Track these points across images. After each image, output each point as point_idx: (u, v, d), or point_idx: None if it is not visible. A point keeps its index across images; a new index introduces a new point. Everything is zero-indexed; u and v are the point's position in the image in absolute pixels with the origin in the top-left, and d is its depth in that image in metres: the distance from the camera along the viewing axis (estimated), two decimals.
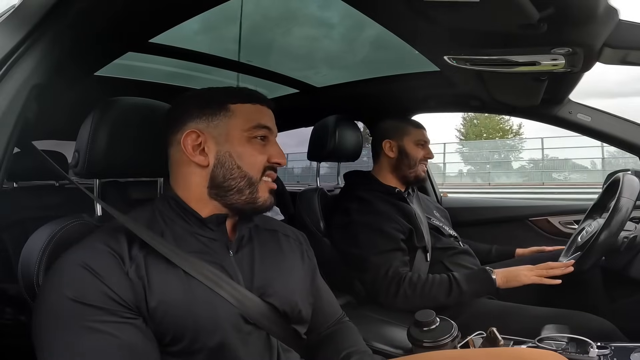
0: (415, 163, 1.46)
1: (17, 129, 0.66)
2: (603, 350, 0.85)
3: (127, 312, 0.64)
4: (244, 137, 0.76)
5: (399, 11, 0.80)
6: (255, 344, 0.73)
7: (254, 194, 0.76)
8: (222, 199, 0.76)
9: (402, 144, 1.47)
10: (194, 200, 0.76)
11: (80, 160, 0.80)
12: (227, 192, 0.75)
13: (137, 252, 0.68)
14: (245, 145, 0.76)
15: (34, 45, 0.67)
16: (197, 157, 0.75)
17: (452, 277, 1.22)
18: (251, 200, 0.76)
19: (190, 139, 0.75)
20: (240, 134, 0.76)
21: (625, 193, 1.15)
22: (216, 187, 0.75)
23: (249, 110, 0.78)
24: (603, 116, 1.43)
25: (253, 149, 0.77)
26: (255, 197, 0.77)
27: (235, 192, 0.75)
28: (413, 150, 1.46)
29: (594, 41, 0.83)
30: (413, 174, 1.46)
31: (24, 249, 0.76)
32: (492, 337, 0.89)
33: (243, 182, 0.75)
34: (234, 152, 0.75)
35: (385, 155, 1.48)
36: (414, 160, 1.46)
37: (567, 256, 1.31)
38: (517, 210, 1.97)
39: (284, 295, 0.79)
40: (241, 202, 0.76)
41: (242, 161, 0.75)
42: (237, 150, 0.75)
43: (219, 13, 0.89)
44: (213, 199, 0.76)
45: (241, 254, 0.79)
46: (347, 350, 0.86)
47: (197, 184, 0.76)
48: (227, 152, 0.75)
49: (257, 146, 0.77)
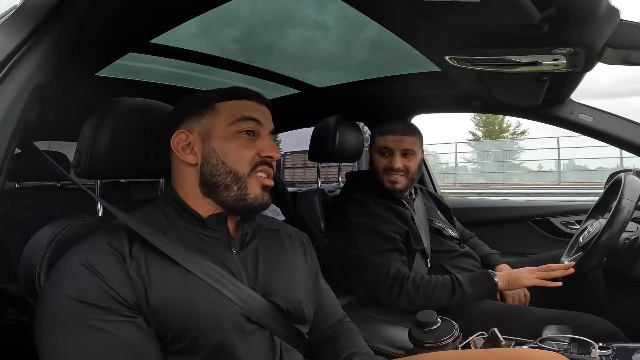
0: (379, 173, 1.40)
1: (18, 129, 0.66)
2: (605, 351, 0.85)
3: (128, 311, 0.64)
4: (229, 132, 0.76)
5: (400, 11, 0.80)
6: (258, 343, 0.73)
7: (243, 190, 0.76)
8: (214, 196, 0.76)
9: (371, 152, 1.45)
10: (192, 200, 0.77)
11: (81, 161, 0.80)
12: (216, 189, 0.76)
13: (138, 250, 0.68)
14: (230, 140, 0.76)
15: (35, 45, 0.67)
16: (187, 156, 0.76)
17: (455, 279, 1.22)
18: (241, 197, 0.76)
19: (178, 139, 0.77)
20: (224, 129, 0.76)
21: (626, 194, 1.14)
22: (206, 184, 0.76)
23: (235, 105, 0.78)
24: (605, 116, 1.43)
25: (238, 144, 0.76)
26: (245, 193, 0.76)
27: (223, 188, 0.75)
28: (376, 160, 1.41)
29: (596, 41, 0.83)
30: (382, 184, 1.40)
31: (25, 250, 0.76)
32: (493, 337, 0.89)
33: (229, 178, 0.75)
34: (218, 149, 0.76)
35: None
36: (377, 170, 1.40)
37: (569, 257, 1.31)
38: (518, 210, 1.97)
39: (288, 295, 0.79)
40: (231, 198, 0.76)
41: (226, 157, 0.75)
42: (221, 146, 0.76)
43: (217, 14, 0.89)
44: (207, 197, 0.77)
45: (244, 252, 0.79)
46: (349, 352, 0.86)
47: (191, 183, 0.77)
48: (211, 148, 0.76)
49: (243, 141, 0.77)
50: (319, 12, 1.16)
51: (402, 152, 1.38)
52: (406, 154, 1.38)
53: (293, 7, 1.16)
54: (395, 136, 1.38)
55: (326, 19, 1.20)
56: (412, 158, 1.39)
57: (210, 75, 1.60)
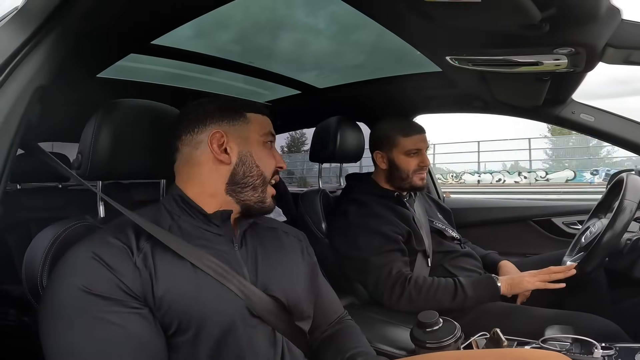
0: (408, 175, 1.41)
1: (20, 130, 0.66)
2: (607, 351, 0.85)
3: (135, 302, 0.65)
4: (260, 141, 0.85)
5: (401, 12, 0.80)
6: (260, 337, 0.74)
7: (265, 193, 0.84)
8: (237, 195, 0.82)
9: (391, 156, 1.42)
10: (207, 196, 0.80)
11: (83, 162, 0.80)
12: (243, 189, 0.82)
13: (144, 243, 0.70)
14: (262, 148, 0.85)
15: (37, 46, 0.67)
16: (222, 155, 0.81)
17: (457, 282, 1.22)
18: (261, 199, 0.83)
19: (215, 138, 0.80)
20: (257, 138, 0.84)
21: (628, 194, 1.14)
22: (235, 183, 0.81)
23: (261, 119, 0.87)
24: (606, 116, 1.43)
25: (267, 152, 0.86)
26: (265, 196, 0.84)
27: (250, 188, 0.82)
28: (403, 162, 1.41)
29: (597, 41, 0.83)
30: (407, 184, 1.42)
31: (27, 251, 0.76)
32: (495, 337, 0.89)
33: (259, 180, 0.83)
34: (255, 153, 0.83)
35: (378, 165, 1.47)
36: (405, 173, 1.41)
37: (571, 257, 1.30)
38: (520, 210, 1.96)
39: (288, 291, 0.81)
40: (253, 199, 0.82)
41: (260, 161, 0.83)
42: (256, 151, 0.83)
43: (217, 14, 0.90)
44: (228, 194, 0.81)
45: (245, 249, 0.82)
46: (352, 351, 0.86)
47: (215, 181, 0.81)
48: (248, 152, 0.82)
49: (269, 151, 0.86)
50: (319, 12, 1.16)
51: (426, 149, 1.43)
52: (426, 150, 1.44)
53: (293, 7, 1.16)
54: (420, 135, 1.42)
55: (326, 19, 1.20)
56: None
57: (211, 76, 1.60)
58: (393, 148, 1.42)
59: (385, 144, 1.44)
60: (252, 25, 1.23)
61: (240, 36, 1.29)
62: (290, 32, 1.29)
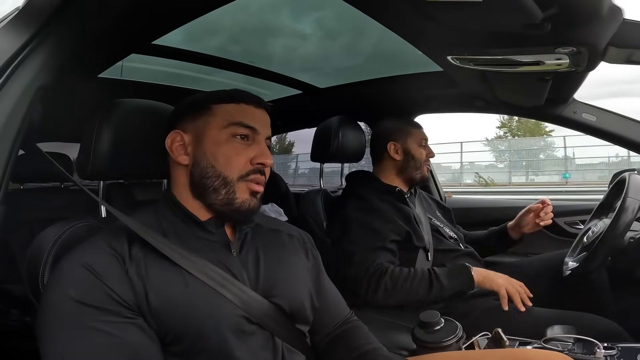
0: (421, 164, 1.46)
1: (22, 130, 0.66)
2: (609, 351, 0.85)
3: (128, 312, 0.64)
4: (222, 136, 0.75)
5: (402, 11, 0.80)
6: (259, 344, 0.72)
7: (231, 194, 0.74)
8: (202, 198, 0.75)
9: (407, 145, 1.46)
10: (186, 201, 0.77)
11: (84, 162, 0.80)
12: (204, 192, 0.74)
13: (138, 251, 0.68)
14: (222, 144, 0.75)
15: (38, 47, 0.67)
16: (180, 156, 0.76)
17: (432, 272, 1.23)
18: (228, 201, 0.74)
19: (171, 139, 0.76)
20: (216, 132, 0.75)
21: (631, 193, 1.14)
22: (195, 186, 0.75)
23: (231, 109, 0.76)
24: (608, 116, 1.42)
25: (230, 148, 0.75)
26: (233, 197, 0.74)
27: (211, 191, 0.74)
28: (417, 151, 1.46)
29: (599, 40, 0.83)
30: (419, 174, 1.46)
31: (29, 251, 0.76)
32: (497, 337, 0.89)
33: (217, 182, 0.74)
34: (209, 151, 0.74)
35: (391, 157, 1.47)
36: (419, 162, 1.46)
37: (573, 257, 1.30)
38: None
39: (290, 296, 0.78)
40: (219, 202, 0.74)
41: (216, 161, 0.74)
42: (212, 149, 0.74)
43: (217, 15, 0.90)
44: (196, 198, 0.76)
45: (245, 253, 0.78)
46: (365, 348, 0.85)
47: (182, 184, 0.77)
48: (202, 151, 0.75)
49: (237, 145, 0.75)
50: (321, 12, 1.16)
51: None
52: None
53: (295, 8, 1.16)
54: (423, 129, 1.51)
55: (328, 19, 1.20)
56: None
57: (212, 76, 1.60)
58: (408, 138, 1.46)
59: (401, 134, 1.47)
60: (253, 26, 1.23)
61: (242, 36, 1.29)
62: (290, 32, 1.29)
